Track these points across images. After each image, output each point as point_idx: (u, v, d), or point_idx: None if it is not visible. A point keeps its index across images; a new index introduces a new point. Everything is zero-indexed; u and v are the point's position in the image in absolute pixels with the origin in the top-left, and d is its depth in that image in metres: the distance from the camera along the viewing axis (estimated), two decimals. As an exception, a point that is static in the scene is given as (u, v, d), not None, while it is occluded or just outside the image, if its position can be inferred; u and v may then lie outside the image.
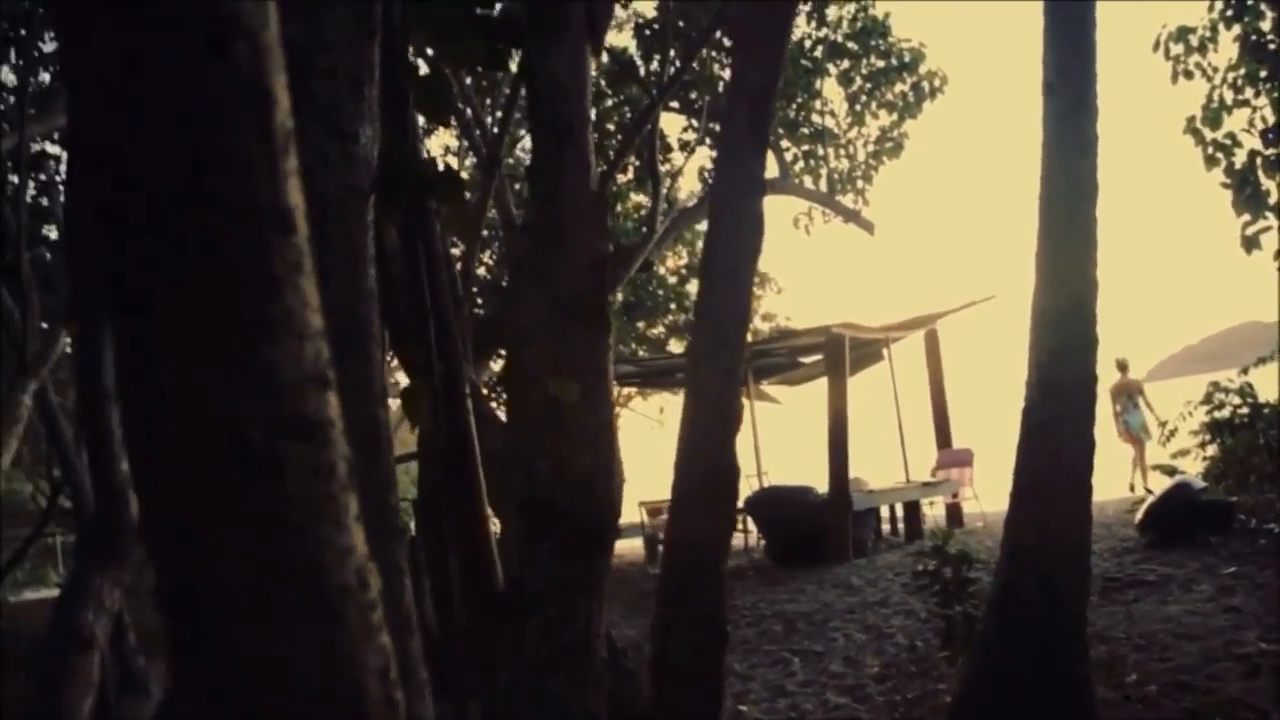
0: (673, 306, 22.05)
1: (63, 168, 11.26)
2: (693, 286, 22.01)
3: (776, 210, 21.58)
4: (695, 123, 16.09)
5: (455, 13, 2.83)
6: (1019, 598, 5.53)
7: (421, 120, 3.32)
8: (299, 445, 0.93)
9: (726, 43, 15.31)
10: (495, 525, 3.04)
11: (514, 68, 6.32)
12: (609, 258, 2.89)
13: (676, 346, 21.31)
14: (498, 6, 3.38)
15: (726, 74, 16.14)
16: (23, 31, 9.11)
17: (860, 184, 17.88)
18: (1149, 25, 12.99)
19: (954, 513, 15.87)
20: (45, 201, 11.86)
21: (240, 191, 0.92)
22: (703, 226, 19.73)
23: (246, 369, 0.91)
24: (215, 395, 0.91)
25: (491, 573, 2.77)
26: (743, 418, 3.16)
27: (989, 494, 14.45)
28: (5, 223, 7.81)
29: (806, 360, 17.68)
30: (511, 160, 16.08)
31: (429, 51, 3.07)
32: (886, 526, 16.26)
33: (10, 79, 10.63)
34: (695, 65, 14.55)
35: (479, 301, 17.22)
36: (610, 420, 2.79)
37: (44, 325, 9.36)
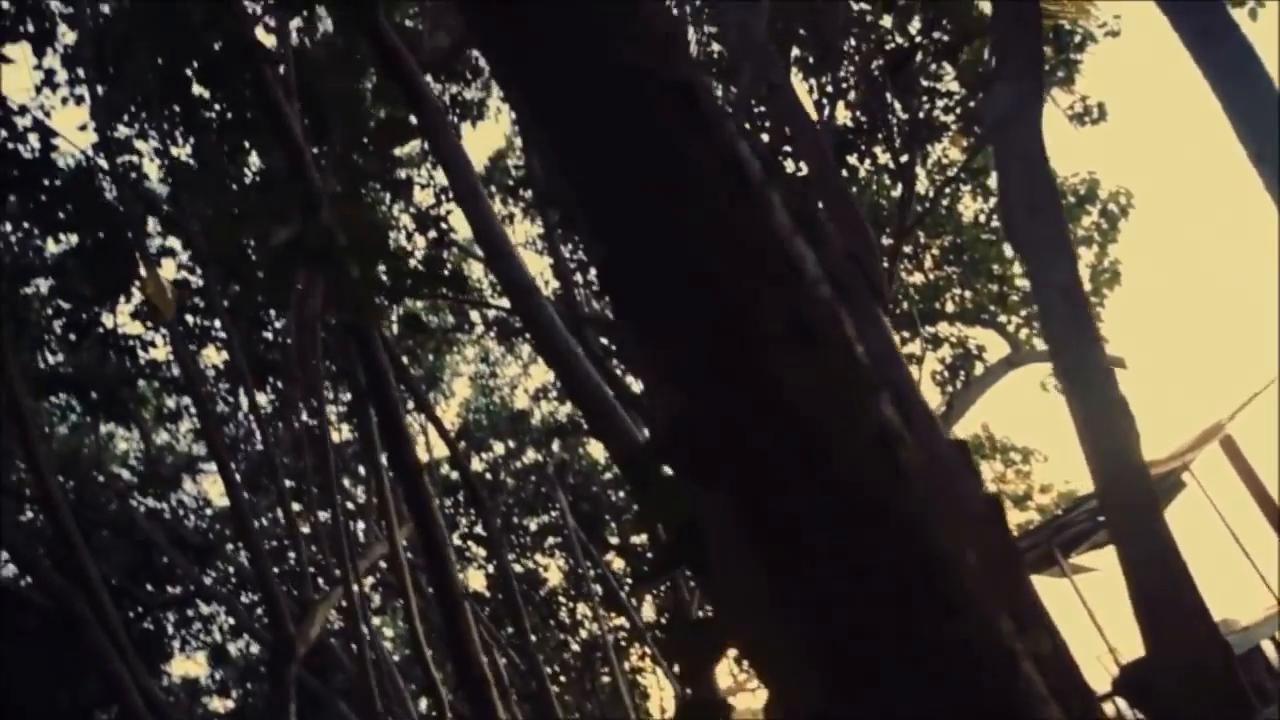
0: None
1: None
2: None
3: (1019, 383, 21.02)
4: (907, 333, 16.03)
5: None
6: None
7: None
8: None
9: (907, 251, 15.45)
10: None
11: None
12: (997, 498, 2.81)
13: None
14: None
15: (916, 278, 16.23)
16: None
17: (1090, 326, 17.22)
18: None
19: (1346, 621, 14.18)
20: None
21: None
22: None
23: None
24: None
25: None
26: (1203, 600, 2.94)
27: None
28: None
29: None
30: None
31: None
32: (1275, 659, 14.64)
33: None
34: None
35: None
36: (1073, 658, 2.62)
37: None
